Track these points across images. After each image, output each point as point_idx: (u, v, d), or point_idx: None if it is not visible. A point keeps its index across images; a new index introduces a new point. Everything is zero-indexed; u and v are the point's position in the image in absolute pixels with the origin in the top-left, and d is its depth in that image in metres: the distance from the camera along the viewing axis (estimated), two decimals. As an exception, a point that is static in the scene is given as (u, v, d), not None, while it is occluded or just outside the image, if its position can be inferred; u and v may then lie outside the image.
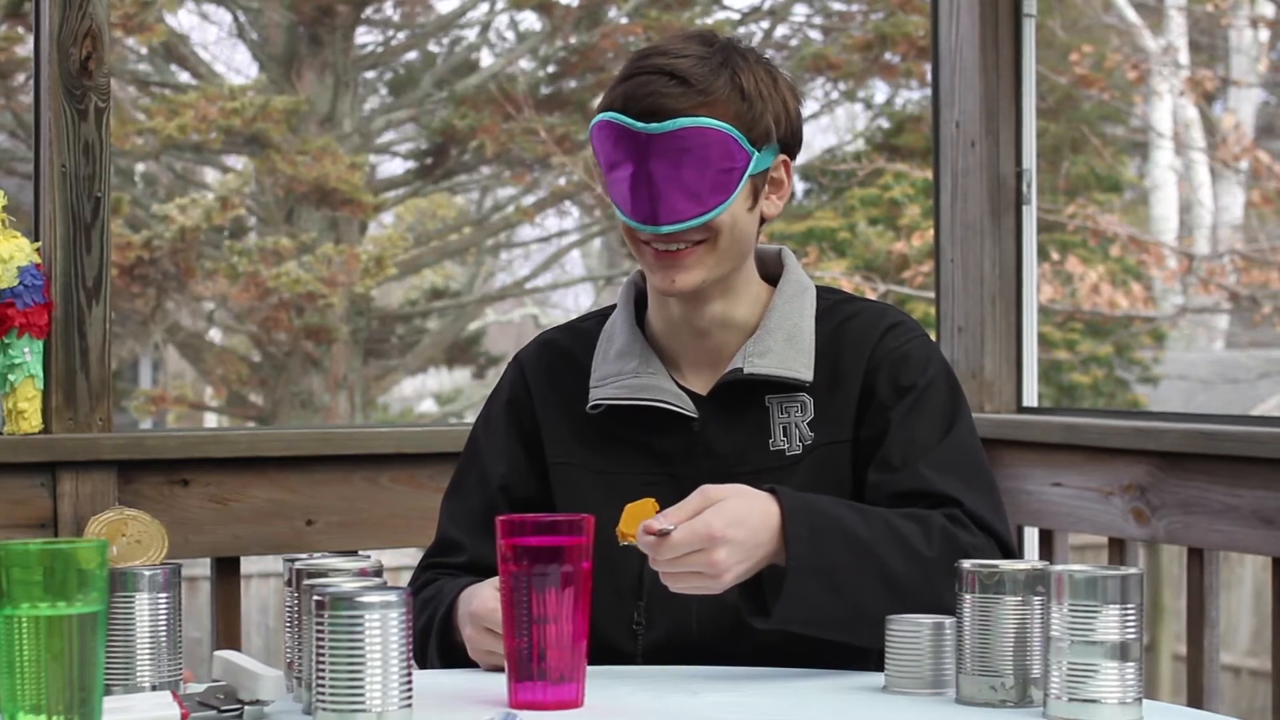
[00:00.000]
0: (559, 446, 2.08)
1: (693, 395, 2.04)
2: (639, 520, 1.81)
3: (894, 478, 1.97)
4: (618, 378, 2.04)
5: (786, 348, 2.01)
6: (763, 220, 2.05)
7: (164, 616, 1.64)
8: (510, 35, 11.90)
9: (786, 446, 2.01)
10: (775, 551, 1.83)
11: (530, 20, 11.66)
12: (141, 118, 10.61)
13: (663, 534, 1.75)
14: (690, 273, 1.98)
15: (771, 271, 2.11)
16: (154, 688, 1.62)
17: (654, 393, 2.02)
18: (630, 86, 1.96)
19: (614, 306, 2.15)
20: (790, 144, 2.03)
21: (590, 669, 1.68)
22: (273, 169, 10.59)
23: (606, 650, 1.97)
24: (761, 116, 1.97)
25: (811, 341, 2.03)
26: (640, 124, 1.94)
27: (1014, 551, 1.99)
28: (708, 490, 1.80)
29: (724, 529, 1.77)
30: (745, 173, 1.97)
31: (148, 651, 1.63)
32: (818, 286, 2.10)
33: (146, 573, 1.63)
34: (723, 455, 2.01)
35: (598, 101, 2.04)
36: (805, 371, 2.01)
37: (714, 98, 1.95)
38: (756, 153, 1.97)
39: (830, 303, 2.09)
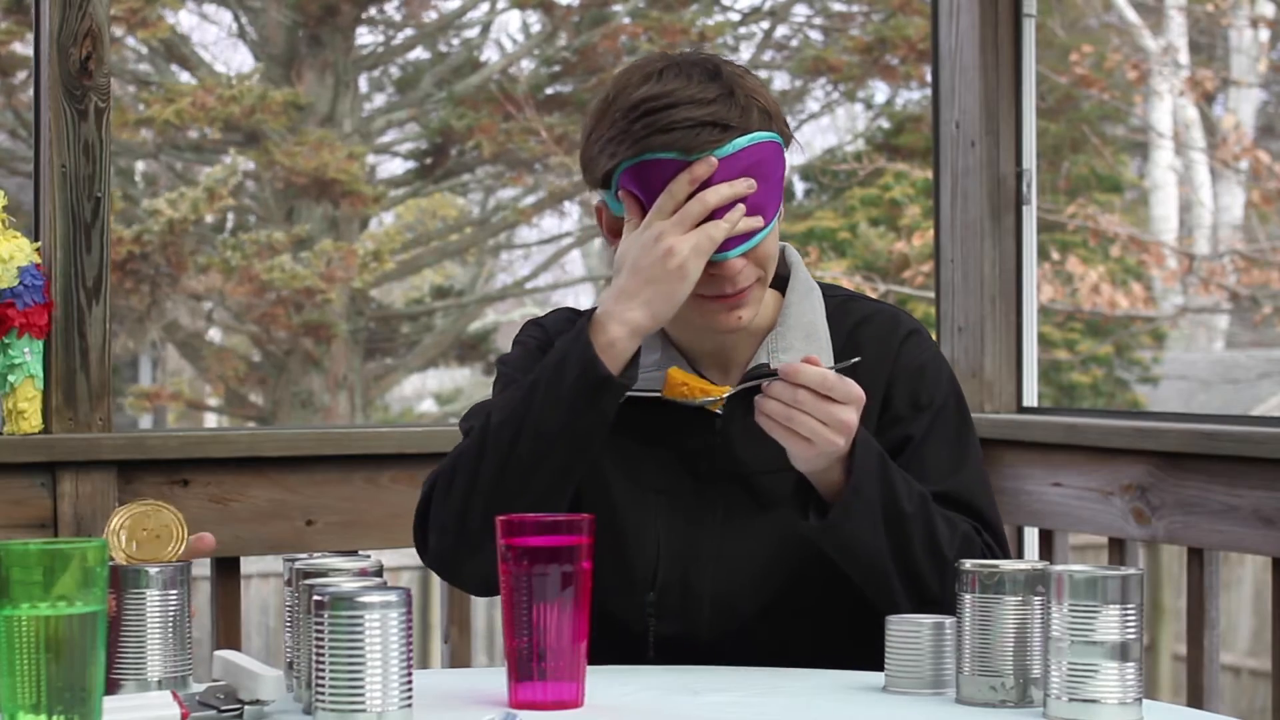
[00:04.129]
0: None
1: None
2: (686, 380, 1.92)
3: None
4: (640, 371, 2.02)
5: (807, 344, 2.02)
6: None
7: (173, 613, 1.64)
8: (517, 35, 11.91)
9: None
10: (839, 462, 1.89)
11: (531, 20, 11.66)
12: (141, 108, 10.61)
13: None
14: (750, 308, 1.99)
15: (775, 270, 2.10)
16: (161, 683, 1.62)
17: None
18: (677, 139, 1.91)
19: None
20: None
21: (591, 669, 1.68)
22: (271, 162, 10.59)
23: (620, 632, 2.00)
24: (783, 130, 2.00)
25: (828, 339, 2.04)
26: (698, 155, 1.92)
27: None
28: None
29: (861, 402, 1.86)
30: (785, 174, 2.01)
31: (157, 647, 1.63)
32: (820, 284, 2.11)
33: (154, 570, 1.63)
34: (743, 451, 2.01)
35: (610, 156, 1.96)
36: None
37: (755, 131, 1.95)
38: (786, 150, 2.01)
39: (837, 301, 2.10)
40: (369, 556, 1.75)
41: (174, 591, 1.64)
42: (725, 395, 1.92)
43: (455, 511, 1.97)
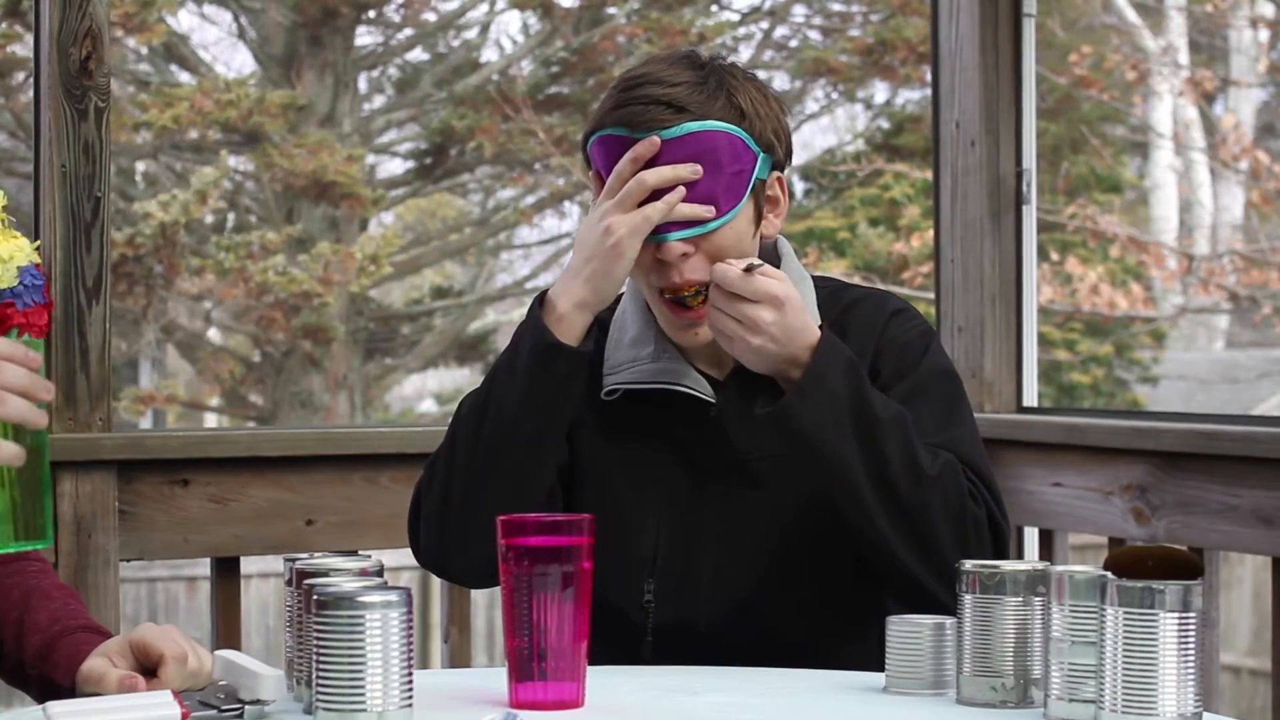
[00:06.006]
0: (578, 427, 2.06)
1: (710, 380, 2.05)
2: None
3: None
4: (633, 364, 2.05)
5: None
6: (761, 239, 2.06)
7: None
8: (516, 36, 11.91)
9: None
10: (797, 366, 1.90)
11: (530, 20, 11.66)
12: (138, 113, 10.61)
13: (747, 269, 1.89)
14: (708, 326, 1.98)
15: (767, 261, 2.11)
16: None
17: (673, 376, 2.03)
18: (627, 114, 1.95)
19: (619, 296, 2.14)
20: (784, 160, 2.04)
21: (591, 669, 1.68)
22: (270, 164, 10.58)
23: (618, 621, 2.00)
24: (762, 133, 1.98)
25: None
26: (643, 134, 1.94)
27: (1004, 531, 2.00)
28: (786, 278, 1.92)
29: (785, 301, 1.89)
30: (753, 174, 1.98)
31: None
32: (813, 276, 2.11)
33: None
34: (738, 438, 2.03)
35: (586, 127, 2.04)
36: None
37: (713, 120, 1.95)
38: (762, 153, 1.98)
39: (829, 291, 2.10)
40: (369, 556, 1.75)
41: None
42: (695, 290, 1.97)
43: (439, 500, 1.99)
